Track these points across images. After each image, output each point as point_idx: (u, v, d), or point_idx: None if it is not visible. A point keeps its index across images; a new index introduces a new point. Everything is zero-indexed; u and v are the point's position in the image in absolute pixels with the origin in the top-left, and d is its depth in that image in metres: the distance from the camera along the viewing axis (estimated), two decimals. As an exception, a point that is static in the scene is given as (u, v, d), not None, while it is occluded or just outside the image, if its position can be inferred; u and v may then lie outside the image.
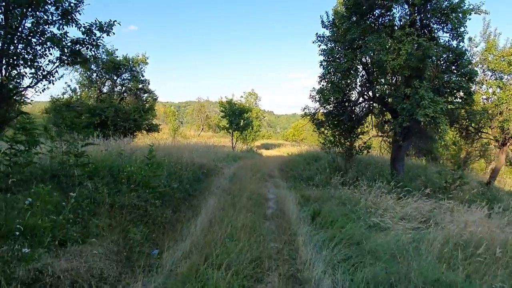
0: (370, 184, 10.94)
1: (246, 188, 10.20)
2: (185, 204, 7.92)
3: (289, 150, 33.20)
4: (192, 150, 13.89)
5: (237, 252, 4.88)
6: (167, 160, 10.43)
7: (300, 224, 6.85)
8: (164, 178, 8.37)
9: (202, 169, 11.76)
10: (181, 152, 12.34)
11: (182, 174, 9.69)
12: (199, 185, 10.09)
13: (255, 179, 12.39)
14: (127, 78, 23.44)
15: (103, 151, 9.00)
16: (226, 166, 15.43)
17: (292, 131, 58.36)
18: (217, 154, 17.99)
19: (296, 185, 12.21)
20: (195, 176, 10.61)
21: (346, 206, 8.29)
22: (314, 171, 14.13)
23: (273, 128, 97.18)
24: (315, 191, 10.46)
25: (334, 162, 14.13)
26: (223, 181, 11.37)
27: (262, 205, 8.87)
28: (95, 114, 20.60)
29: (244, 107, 26.72)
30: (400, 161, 12.18)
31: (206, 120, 46.03)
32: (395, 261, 5.05)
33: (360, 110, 13.94)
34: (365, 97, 13.00)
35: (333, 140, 14.03)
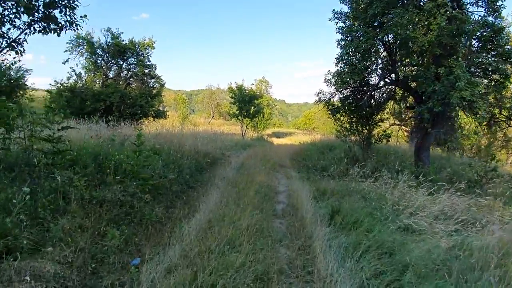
0: (393, 177, 9.73)
1: (254, 179, 9.05)
2: (182, 198, 6.78)
3: (301, 138, 31.87)
4: (198, 138, 12.77)
5: (237, 267, 3.73)
6: (167, 147, 9.33)
7: (317, 225, 5.66)
8: (159, 168, 7.27)
9: (207, 158, 10.63)
10: (185, 139, 11.23)
11: (182, 164, 8.57)
12: (202, 176, 8.97)
13: (265, 169, 11.22)
14: (133, 63, 22.37)
15: (92, 136, 7.93)
16: (234, 155, 14.28)
17: (304, 120, 56.90)
18: (225, 142, 16.84)
19: (310, 176, 11.01)
20: (198, 165, 9.48)
21: (370, 202, 7.06)
22: (329, 161, 12.88)
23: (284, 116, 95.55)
24: (331, 184, 9.24)
25: (350, 152, 12.84)
26: (229, 171, 10.22)
27: (271, 199, 7.71)
28: (99, 100, 19.65)
29: (254, 93, 25.36)
30: (425, 151, 10.85)
31: (217, 108, 44.76)
32: (444, 281, 3.85)
33: (381, 95, 12.58)
34: (387, 80, 11.63)
35: (349, 127, 12.74)
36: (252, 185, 8.15)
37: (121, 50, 21.24)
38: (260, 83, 38.35)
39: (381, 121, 12.63)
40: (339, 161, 12.55)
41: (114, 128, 13.13)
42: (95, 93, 19.75)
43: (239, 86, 24.46)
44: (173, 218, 5.63)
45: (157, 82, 22.83)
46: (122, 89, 21.25)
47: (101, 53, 22.00)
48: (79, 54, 21.87)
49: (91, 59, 22.00)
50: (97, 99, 19.66)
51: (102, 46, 21.67)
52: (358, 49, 10.35)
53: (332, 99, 12.70)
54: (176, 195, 6.89)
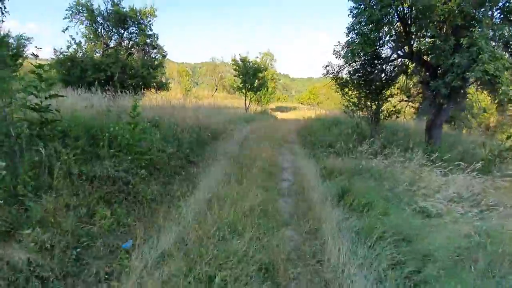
0: (404, 155, 9.26)
1: (257, 155, 8.59)
2: (180, 174, 6.33)
3: (305, 113, 31.20)
4: (200, 111, 12.25)
5: (239, 255, 3.30)
6: (167, 120, 8.82)
7: (325, 205, 5.22)
8: (158, 141, 6.79)
9: (209, 132, 10.12)
10: (186, 112, 10.71)
11: (182, 137, 8.08)
12: (203, 150, 8.49)
13: (269, 144, 10.74)
14: (134, 32, 21.51)
15: (88, 107, 7.41)
16: (238, 129, 13.76)
17: (308, 94, 55.84)
18: (229, 115, 16.29)
19: (316, 152, 10.51)
20: (199, 139, 8.99)
21: (381, 182, 6.59)
22: (335, 137, 12.36)
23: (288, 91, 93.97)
24: (338, 161, 8.76)
25: (358, 128, 12.29)
26: (232, 146, 9.75)
27: (276, 176, 7.27)
28: (100, 70, 19.00)
29: (259, 66, 24.45)
30: (437, 129, 10.27)
31: (220, 81, 43.80)
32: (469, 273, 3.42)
33: (392, 69, 11.87)
34: (399, 53, 10.90)
35: (357, 102, 12.13)
36: (255, 161, 7.69)
37: (122, 18, 20.36)
38: (265, 56, 37.28)
39: (391, 96, 11.99)
40: (346, 137, 12.02)
41: (114, 99, 12.62)
42: (96, 62, 19.06)
43: (243, 58, 23.56)
44: (171, 196, 5.20)
45: (159, 52, 22.00)
46: (124, 59, 20.52)
47: (101, 21, 21.16)
48: (79, 22, 21.06)
49: (91, 27, 21.18)
50: (97, 69, 19.02)
51: (103, 13, 20.79)
52: (371, 19, 9.59)
53: (340, 73, 12.04)
54: (175, 170, 6.43)
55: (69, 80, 19.57)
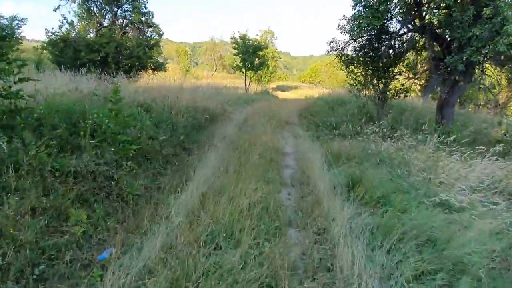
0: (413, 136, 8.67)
1: (258, 139, 7.97)
2: (173, 164, 5.72)
3: (307, 92, 30.35)
4: (197, 92, 11.55)
5: (236, 272, 2.73)
6: (161, 103, 8.17)
7: (334, 199, 4.63)
8: (149, 128, 6.18)
9: (206, 115, 9.46)
10: (182, 94, 10.02)
11: (177, 122, 7.45)
12: (200, 135, 7.86)
13: (270, 126, 10.10)
14: (128, 9, 20.53)
15: (71, 90, 6.75)
16: (237, 110, 13.08)
17: (309, 73, 54.62)
18: (228, 96, 15.55)
19: (320, 134, 9.89)
20: (195, 123, 8.35)
21: (393, 169, 5.98)
22: (340, 117, 11.70)
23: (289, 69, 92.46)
24: (345, 145, 8.13)
25: (364, 108, 11.61)
26: (231, 129, 9.11)
27: (278, 163, 6.66)
28: (94, 50, 18.16)
29: (259, 44, 23.38)
30: (450, 108, 9.58)
31: (220, 60, 42.60)
32: None
33: (401, 44, 11.06)
34: (409, 27, 10.09)
35: (363, 81, 11.40)
36: (255, 147, 7.07)
37: (116, -5, 19.39)
38: (266, 34, 36.02)
39: (399, 73, 11.23)
40: (351, 117, 11.38)
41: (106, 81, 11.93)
42: (89, 43, 18.20)
43: (243, 36, 22.45)
44: (161, 190, 4.60)
45: (155, 31, 21.06)
46: (118, 38, 19.64)
47: None
48: (71, 0, 20.12)
49: (83, 5, 20.24)
50: (91, 50, 18.20)
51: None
52: (380, -11, 8.79)
53: (346, 49, 11.25)
54: (167, 159, 5.82)
55: (62, 61, 18.84)
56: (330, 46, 11.32)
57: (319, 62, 57.73)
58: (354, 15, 9.38)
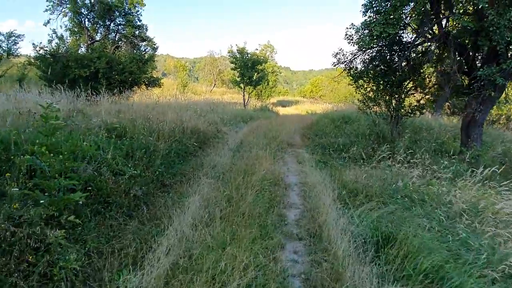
0: (435, 158, 7.39)
1: (255, 167, 6.59)
2: (141, 212, 4.30)
3: (308, 107, 29.14)
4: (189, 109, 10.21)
5: None
6: (141, 125, 6.81)
7: (360, 268, 3.22)
8: (118, 159, 4.80)
9: (196, 137, 8.10)
10: (169, 113, 8.69)
11: (156, 149, 6.06)
12: (185, 165, 6.46)
13: (270, 149, 8.73)
14: (121, 23, 19.43)
15: (22, 112, 5.37)
16: (233, 130, 11.73)
17: (310, 87, 53.42)
18: (224, 113, 14.16)
19: (327, 159, 8.51)
20: (181, 149, 6.98)
21: (425, 209, 4.57)
22: (348, 137, 10.34)
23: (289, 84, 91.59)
24: (359, 173, 6.75)
25: (376, 127, 10.24)
26: (224, 155, 7.71)
27: (279, 202, 5.27)
28: (83, 65, 16.95)
29: (258, 57, 22.08)
30: (478, 127, 8.19)
31: (219, 75, 41.46)
32: None
33: (415, 56, 9.76)
34: (428, 36, 8.79)
35: (374, 97, 10.06)
36: (251, 179, 5.67)
37: (107, 8, 18.29)
38: (265, 48, 34.94)
39: (415, 88, 9.90)
40: (361, 138, 10.01)
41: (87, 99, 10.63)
42: (78, 57, 17.00)
43: (241, 49, 21.13)
44: (114, 258, 3.19)
45: (149, 45, 19.88)
46: (110, 53, 18.49)
47: (85, 12, 19.12)
48: (62, 14, 19.08)
49: (74, 19, 19.17)
50: (80, 65, 16.99)
51: (87, 4, 18.74)
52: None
53: (354, 61, 9.96)
54: (136, 203, 4.43)
55: (50, 77, 17.68)
56: (337, 58, 10.02)
57: (320, 76, 56.83)
58: (365, 23, 8.10)
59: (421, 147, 9.00)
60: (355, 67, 10.01)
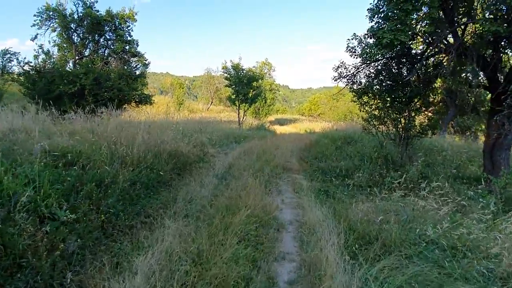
0: (454, 186, 6.21)
1: (242, 199, 5.32)
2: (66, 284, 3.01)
3: (307, 126, 27.98)
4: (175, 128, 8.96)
5: None
6: (106, 149, 5.56)
7: None
8: (54, 199, 3.54)
9: (174, 162, 6.83)
10: (150, 132, 7.47)
11: (115, 181, 4.78)
12: (153, 201, 5.16)
13: (262, 175, 7.48)
14: (111, 38, 18.44)
15: None
16: (222, 152, 10.45)
17: (309, 105, 52.53)
18: (215, 133, 12.90)
19: (329, 187, 7.24)
20: (152, 178, 5.68)
21: (460, 265, 3.29)
22: (351, 161, 9.09)
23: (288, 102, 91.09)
24: (368, 209, 5.49)
25: (382, 149, 9.00)
26: (206, 185, 6.41)
27: (269, 252, 3.98)
28: (68, 82, 15.83)
29: (254, 74, 20.85)
30: (505, 150, 6.97)
31: (216, 93, 40.38)
32: None
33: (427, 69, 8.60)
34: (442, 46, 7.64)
35: (380, 115, 8.88)
36: (233, 220, 4.39)
37: (96, 22, 17.33)
38: (263, 65, 34.03)
39: (426, 105, 8.71)
40: (366, 162, 8.75)
41: (61, 116, 9.48)
42: (63, 73, 15.91)
43: (235, 65, 20.05)
44: None
45: (140, 61, 18.83)
46: (99, 69, 17.43)
47: (74, 27, 18.14)
48: (51, 29, 18.10)
49: (63, 34, 18.18)
50: (65, 81, 15.89)
51: (76, 19, 17.78)
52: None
53: (357, 76, 8.83)
54: (64, 266, 3.13)
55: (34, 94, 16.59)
56: (338, 72, 8.90)
57: (318, 95, 56.12)
58: (372, 29, 6.97)
59: (437, 173, 7.77)
60: (358, 82, 8.87)
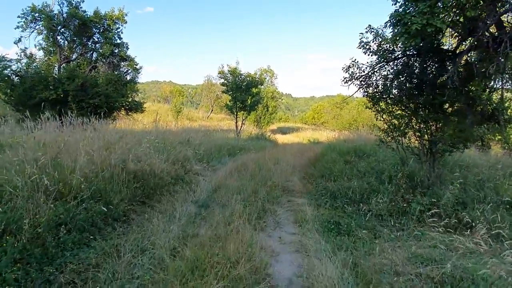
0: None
1: (221, 248, 3.67)
2: None
3: (310, 135, 26.34)
4: (145, 141, 7.33)
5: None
6: (28, 173, 3.92)
7: None
8: None
9: (140, 185, 5.19)
10: (119, 145, 5.86)
11: (34, 223, 3.13)
12: (87, 253, 3.51)
13: (254, 200, 5.84)
14: (99, 41, 16.99)
15: None
16: (210, 169, 8.77)
17: (312, 114, 50.92)
18: (206, 144, 11.18)
19: (341, 217, 5.57)
20: (96, 214, 4.02)
21: None
22: (366, 179, 7.41)
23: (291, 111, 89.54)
24: (398, 254, 3.82)
25: (404, 167, 7.30)
26: (177, 218, 4.74)
27: None
28: (49, 87, 14.32)
29: (253, 79, 19.16)
30: None
31: (216, 101, 38.78)
32: None
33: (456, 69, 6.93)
34: (483, 38, 5.98)
35: (401, 125, 7.22)
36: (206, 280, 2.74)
37: (81, 23, 15.89)
38: (264, 73, 32.48)
39: (463, 112, 7.01)
40: (385, 181, 7.05)
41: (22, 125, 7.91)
42: (42, 78, 14.41)
43: (232, 69, 18.38)
44: None
45: (130, 65, 17.31)
46: (85, 74, 15.94)
47: (61, 29, 16.71)
48: (37, 32, 16.66)
49: (50, 37, 16.75)
50: (46, 87, 14.40)
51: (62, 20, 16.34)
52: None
53: (373, 77, 7.21)
54: None
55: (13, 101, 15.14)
56: (349, 73, 7.27)
57: (321, 103, 54.70)
58: (396, 14, 5.33)
59: (477, 198, 6.07)
60: (374, 85, 7.23)
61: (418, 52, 6.71)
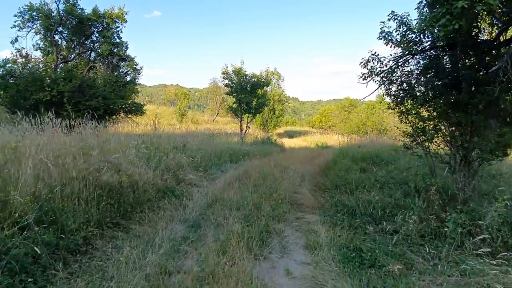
0: None
1: (211, 286, 2.64)
2: None
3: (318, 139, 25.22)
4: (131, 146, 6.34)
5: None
6: None
7: None
8: None
9: (114, 203, 4.18)
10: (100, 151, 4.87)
11: None
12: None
13: (257, 216, 4.81)
14: (98, 40, 16.15)
15: None
16: (209, 178, 7.73)
17: (319, 117, 49.77)
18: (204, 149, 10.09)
19: (362, 241, 4.49)
20: (44, 245, 3.02)
21: None
22: (388, 191, 6.32)
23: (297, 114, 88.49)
24: None
25: (434, 178, 6.18)
26: (159, 245, 3.73)
27: None
28: (43, 88, 13.47)
29: (258, 79, 18.11)
30: None
31: (222, 104, 37.79)
32: None
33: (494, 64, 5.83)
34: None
35: (428, 128, 6.13)
36: None
37: (78, 21, 15.05)
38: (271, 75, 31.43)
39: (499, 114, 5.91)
40: (411, 193, 5.95)
41: None
42: (36, 79, 13.56)
43: (237, 70, 17.43)
44: None
45: (129, 65, 16.40)
46: (83, 74, 15.09)
47: (59, 28, 15.90)
48: (34, 31, 15.89)
49: (47, 37, 15.97)
50: (40, 88, 13.55)
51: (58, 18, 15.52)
52: None
53: (396, 71, 6.15)
54: None
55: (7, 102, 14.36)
56: (368, 68, 6.20)
57: (329, 106, 53.69)
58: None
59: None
60: (399, 81, 6.16)
61: (452, 43, 5.63)
